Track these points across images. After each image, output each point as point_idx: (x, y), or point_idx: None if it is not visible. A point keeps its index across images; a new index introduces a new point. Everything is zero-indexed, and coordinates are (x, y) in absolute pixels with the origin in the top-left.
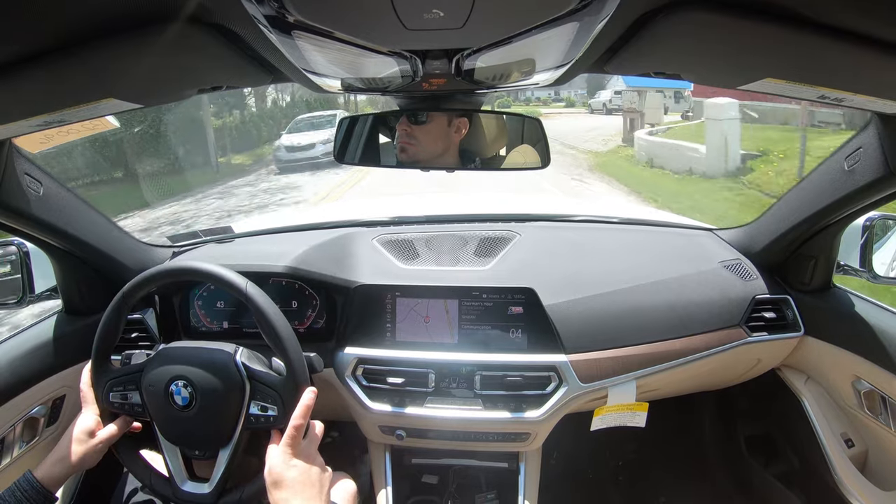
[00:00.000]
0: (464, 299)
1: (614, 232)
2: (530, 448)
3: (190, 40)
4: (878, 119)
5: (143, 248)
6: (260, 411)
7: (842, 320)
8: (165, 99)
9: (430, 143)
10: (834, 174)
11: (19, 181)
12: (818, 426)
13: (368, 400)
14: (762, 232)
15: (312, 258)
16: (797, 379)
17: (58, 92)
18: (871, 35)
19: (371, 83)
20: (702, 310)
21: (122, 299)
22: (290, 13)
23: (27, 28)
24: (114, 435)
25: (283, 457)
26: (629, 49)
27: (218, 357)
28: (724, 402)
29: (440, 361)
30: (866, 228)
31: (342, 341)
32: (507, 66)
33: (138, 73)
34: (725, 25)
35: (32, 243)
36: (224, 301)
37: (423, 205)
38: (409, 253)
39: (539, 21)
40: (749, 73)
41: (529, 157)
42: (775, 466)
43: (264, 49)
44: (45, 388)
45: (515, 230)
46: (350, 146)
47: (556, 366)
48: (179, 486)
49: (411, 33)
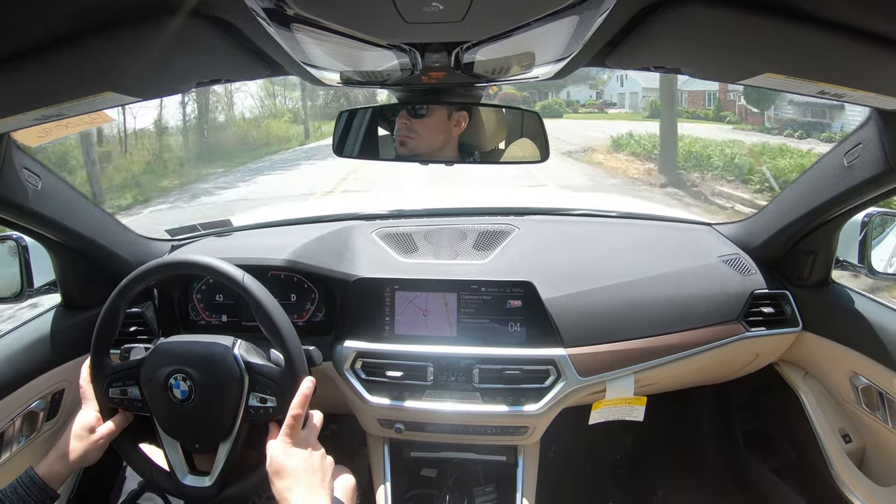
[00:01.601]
0: (463, 293)
1: (613, 226)
2: (529, 442)
3: (189, 33)
4: (877, 115)
5: (142, 241)
6: (259, 403)
7: (840, 316)
8: (164, 92)
9: (430, 136)
10: (833, 170)
11: (18, 175)
12: (816, 421)
13: (367, 393)
14: (761, 227)
15: (311, 251)
16: (795, 374)
17: (56, 86)
18: (872, 31)
19: (370, 76)
20: (700, 304)
21: (121, 293)
22: (288, 6)
23: (26, 22)
24: (113, 431)
25: (282, 446)
26: (629, 43)
27: (216, 350)
28: (722, 397)
29: (439, 355)
30: (865, 224)
31: (341, 335)
32: (507, 60)
33: (137, 66)
34: (725, 20)
35: (31, 237)
36: (223, 294)
37: (422, 198)
38: (408, 246)
39: (539, 14)
40: (749, 67)
41: (529, 151)
42: (773, 461)
43: (263, 42)
44: (45, 382)
45: (514, 224)
46: (349, 140)
47: (555, 359)
48: (180, 480)
49: (410, 26)
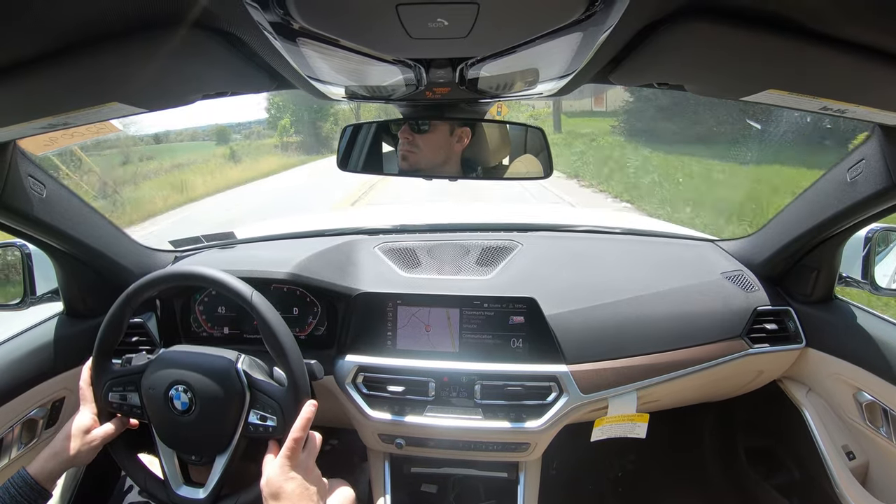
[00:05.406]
0: (465, 308)
1: (616, 242)
2: (530, 458)
3: (195, 46)
4: (880, 130)
5: (146, 252)
6: (259, 420)
7: (844, 332)
8: (170, 104)
9: (432, 151)
10: (836, 185)
11: (23, 183)
12: (819, 438)
13: (368, 408)
14: (764, 243)
15: (314, 265)
16: (798, 390)
17: (62, 95)
18: (874, 47)
19: (375, 91)
20: (703, 321)
21: (127, 300)
22: (294, 20)
23: (33, 31)
24: (110, 434)
25: (281, 468)
26: (633, 60)
27: (219, 364)
28: (725, 414)
29: (441, 370)
30: (868, 240)
31: (343, 349)
32: (511, 76)
33: (143, 77)
34: (728, 37)
35: (35, 245)
36: (225, 307)
37: (425, 213)
38: (411, 261)
39: (543, 31)
40: (752, 84)
41: (532, 167)
42: (776, 478)
43: (269, 56)
44: (45, 390)
45: (517, 240)
46: (353, 155)
47: (557, 376)
48: (174, 490)
49: (416, 42)
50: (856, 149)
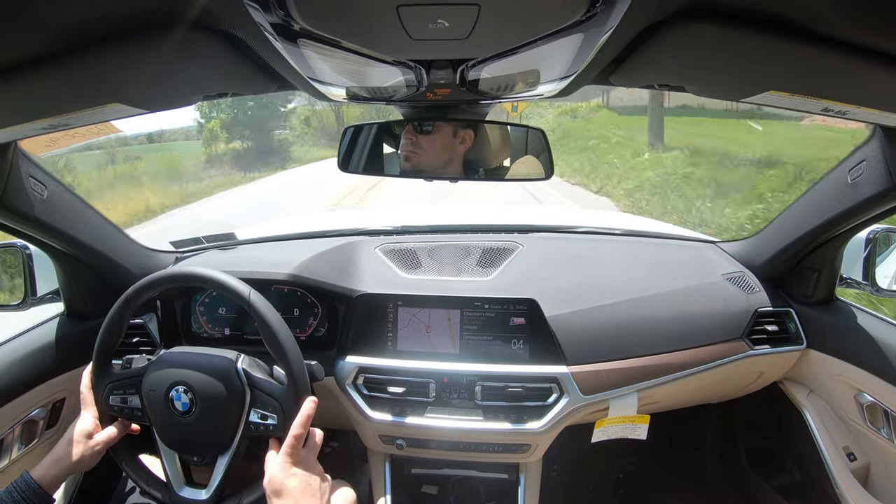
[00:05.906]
0: (466, 309)
1: (617, 243)
2: (531, 459)
3: (196, 47)
4: (881, 132)
5: (147, 252)
6: (260, 419)
7: (845, 333)
8: (171, 105)
9: (435, 152)
10: (837, 187)
11: (24, 184)
12: (820, 439)
13: (369, 409)
14: (765, 244)
15: (315, 266)
16: (799, 392)
17: (63, 96)
18: (876, 48)
19: (376, 92)
20: (704, 322)
21: (127, 301)
22: (295, 21)
23: (33, 31)
24: (112, 437)
25: (283, 466)
26: (634, 61)
27: (219, 364)
28: (726, 415)
29: (441, 371)
30: (869, 241)
31: (343, 350)
32: (512, 77)
33: (144, 78)
34: (730, 38)
35: (35, 246)
36: (226, 307)
37: (426, 214)
38: (412, 262)
39: (544, 32)
40: (753, 85)
41: (533, 168)
42: (777, 479)
43: (270, 57)
44: (45, 390)
45: (518, 241)
46: (354, 155)
47: (558, 377)
48: (177, 492)
49: (416, 43)
50: (857, 150)
